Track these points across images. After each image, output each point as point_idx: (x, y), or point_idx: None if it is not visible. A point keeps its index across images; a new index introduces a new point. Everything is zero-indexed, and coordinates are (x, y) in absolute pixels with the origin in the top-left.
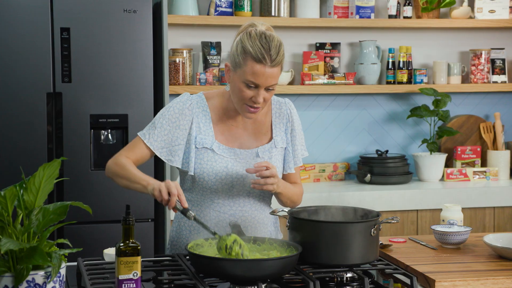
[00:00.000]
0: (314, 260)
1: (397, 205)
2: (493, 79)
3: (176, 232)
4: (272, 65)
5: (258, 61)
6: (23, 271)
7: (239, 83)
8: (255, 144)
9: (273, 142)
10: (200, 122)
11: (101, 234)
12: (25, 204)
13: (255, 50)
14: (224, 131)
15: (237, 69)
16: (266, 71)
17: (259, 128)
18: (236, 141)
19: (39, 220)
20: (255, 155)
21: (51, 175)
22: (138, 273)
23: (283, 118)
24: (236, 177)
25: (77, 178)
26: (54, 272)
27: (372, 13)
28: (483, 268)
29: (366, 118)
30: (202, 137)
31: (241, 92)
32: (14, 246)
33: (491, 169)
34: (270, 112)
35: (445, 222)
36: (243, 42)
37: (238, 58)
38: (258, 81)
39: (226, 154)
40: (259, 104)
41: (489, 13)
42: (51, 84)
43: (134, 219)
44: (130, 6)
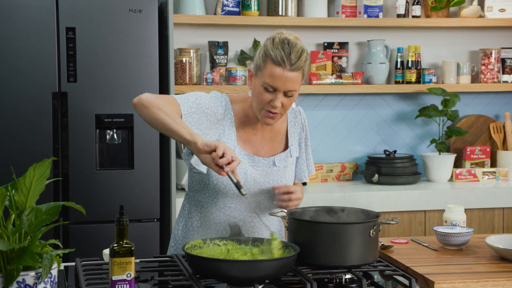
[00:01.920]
0: (313, 261)
1: (404, 205)
2: (503, 78)
3: (182, 231)
4: (291, 69)
5: (277, 64)
6: (14, 272)
7: (259, 86)
8: (271, 152)
9: (289, 151)
10: (225, 126)
11: (106, 234)
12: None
13: (275, 54)
14: (243, 137)
15: (258, 72)
16: (285, 74)
17: (275, 136)
18: (254, 147)
19: (30, 220)
20: (272, 163)
21: (42, 175)
22: (131, 274)
23: (297, 127)
24: (253, 184)
25: (83, 178)
26: (45, 273)
27: (381, 12)
28: (484, 270)
29: (374, 118)
30: (225, 140)
31: (260, 96)
32: (3, 246)
33: (501, 169)
34: (286, 120)
35: (447, 223)
36: (266, 46)
37: (259, 61)
38: (276, 85)
39: (246, 161)
40: (277, 110)
41: (499, 12)
42: (57, 83)
43: (127, 220)
44: (136, 5)
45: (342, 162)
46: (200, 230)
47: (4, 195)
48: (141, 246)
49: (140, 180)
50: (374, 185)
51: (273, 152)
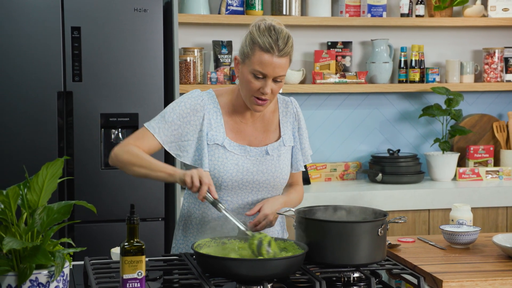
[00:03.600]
0: (321, 260)
1: (408, 204)
2: (506, 78)
3: (182, 231)
4: (279, 55)
5: (266, 50)
6: (26, 270)
7: (247, 74)
8: (264, 141)
9: (282, 140)
10: (211, 119)
11: (111, 233)
12: (28, 203)
13: (263, 40)
14: (234, 128)
15: (246, 60)
16: (274, 61)
17: (267, 126)
18: (246, 138)
19: (43, 219)
20: (265, 152)
21: (54, 174)
22: (142, 272)
23: (290, 116)
24: (247, 174)
25: (88, 177)
26: (57, 271)
27: (384, 11)
28: (492, 268)
29: (378, 117)
30: (213, 134)
31: (249, 83)
32: (17, 245)
33: (504, 168)
34: (277, 110)
35: (454, 222)
36: (252, 33)
37: (247, 49)
38: (266, 71)
39: (237, 151)
40: (267, 96)
41: (502, 11)
42: (62, 83)
43: (138, 219)
44: (141, 5)
45: (345, 161)
46: (199, 227)
47: (18, 194)
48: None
49: (145, 179)
50: (378, 184)
51: (266, 141)
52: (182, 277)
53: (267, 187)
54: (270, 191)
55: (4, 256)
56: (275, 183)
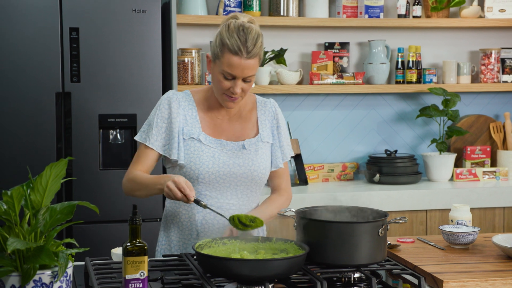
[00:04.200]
0: (322, 260)
1: (406, 205)
2: (503, 78)
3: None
4: (248, 57)
5: (234, 53)
6: (30, 271)
7: (218, 74)
8: (241, 137)
9: (260, 136)
10: (187, 115)
11: (109, 233)
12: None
13: (232, 43)
14: (210, 124)
15: (216, 60)
16: (242, 63)
17: (244, 123)
18: (223, 133)
19: (46, 220)
20: (242, 147)
21: (57, 174)
22: (145, 272)
23: (268, 115)
24: (223, 167)
25: (86, 177)
26: (61, 271)
27: (381, 12)
28: (492, 268)
29: (375, 118)
30: (188, 129)
31: (219, 83)
32: (21, 245)
33: (501, 169)
34: (255, 109)
35: (453, 222)
36: (221, 34)
37: (217, 50)
38: (235, 73)
39: (213, 145)
40: (237, 95)
41: (499, 12)
42: (60, 83)
43: (141, 219)
44: (139, 6)
45: (343, 162)
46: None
47: (22, 195)
48: None
49: None
50: (375, 184)
51: (244, 137)
52: (183, 277)
53: (245, 181)
54: (249, 186)
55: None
56: (253, 177)
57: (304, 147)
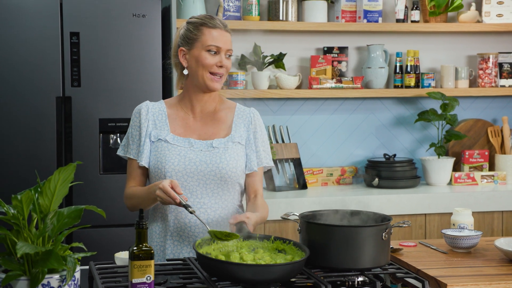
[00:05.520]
0: (326, 264)
1: (405, 209)
2: (500, 83)
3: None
4: (225, 30)
5: (213, 27)
6: (39, 275)
7: (201, 53)
8: (212, 136)
9: (231, 136)
10: (156, 120)
11: (110, 237)
12: (40, 208)
13: (208, 21)
14: (181, 125)
15: (195, 43)
16: (223, 34)
17: (217, 124)
18: (194, 132)
19: (54, 224)
20: (210, 145)
21: (66, 179)
22: (151, 276)
23: (245, 119)
24: (189, 164)
25: (86, 182)
26: (69, 275)
27: (380, 17)
28: (495, 272)
29: (373, 122)
30: (157, 131)
31: (204, 60)
32: (30, 249)
33: (499, 173)
34: (232, 114)
35: (455, 226)
36: (192, 22)
37: (193, 34)
38: (219, 44)
39: (180, 143)
40: (223, 70)
41: (496, 17)
42: (61, 88)
43: (147, 223)
44: (139, 10)
45: (342, 166)
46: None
47: (31, 199)
48: None
49: None
50: (374, 188)
51: (215, 137)
52: (187, 281)
53: (214, 179)
54: (219, 185)
55: (16, 260)
56: (222, 175)
57: (303, 151)
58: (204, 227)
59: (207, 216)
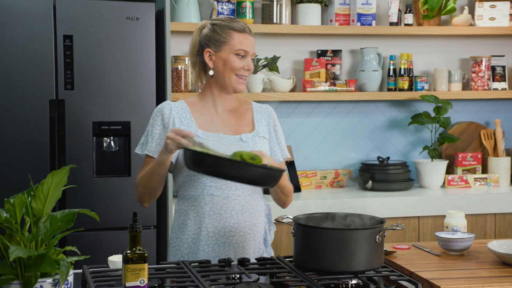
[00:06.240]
0: (319, 267)
1: (399, 211)
2: (493, 86)
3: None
4: (251, 34)
5: (241, 31)
6: (31, 279)
7: (229, 56)
8: (238, 132)
9: (256, 131)
10: (181, 117)
11: (103, 241)
12: (33, 211)
13: (235, 25)
14: (206, 121)
15: (223, 46)
16: (250, 39)
17: (240, 120)
18: (219, 129)
19: (47, 228)
20: (239, 139)
21: (59, 182)
22: (145, 280)
23: (264, 115)
24: None
25: (80, 185)
26: (62, 279)
27: (373, 20)
28: (488, 274)
29: (367, 125)
30: (185, 128)
31: (233, 63)
32: (22, 253)
33: (492, 175)
34: (251, 110)
35: (448, 228)
36: (219, 25)
37: (221, 37)
38: (247, 48)
39: (211, 138)
40: (249, 72)
41: (489, 20)
42: (54, 91)
43: (141, 226)
44: (133, 13)
45: (336, 169)
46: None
47: (24, 203)
48: None
49: None
50: (368, 191)
51: (240, 132)
52: (181, 285)
53: None
54: None
55: (9, 264)
56: None
57: (297, 154)
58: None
59: (241, 207)
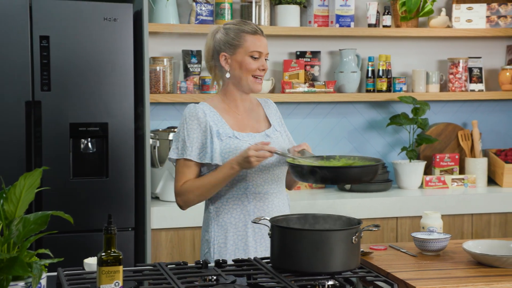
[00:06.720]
0: (296, 268)
1: (377, 212)
2: (470, 87)
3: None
4: (263, 35)
5: (254, 33)
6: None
7: (244, 58)
8: (260, 129)
9: (273, 126)
10: (214, 120)
11: (81, 243)
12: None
13: (247, 28)
14: (234, 122)
15: (237, 49)
16: (263, 40)
17: (257, 117)
18: (247, 128)
19: (19, 231)
20: (266, 136)
21: (32, 184)
22: (119, 282)
23: (271, 109)
24: None
25: (57, 187)
26: (35, 282)
27: (352, 22)
28: (463, 274)
29: (346, 126)
30: (222, 130)
31: (249, 65)
32: None
33: (469, 176)
34: (260, 105)
35: (425, 229)
36: (232, 29)
37: (235, 40)
38: (261, 49)
39: (246, 139)
40: (264, 72)
41: (466, 22)
42: (30, 92)
43: (116, 228)
44: (111, 14)
45: None
46: (237, 219)
47: None
48: None
49: (115, 189)
50: (347, 192)
51: (262, 129)
52: (157, 287)
53: (277, 165)
54: (280, 170)
55: None
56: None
57: None
58: None
59: (278, 201)
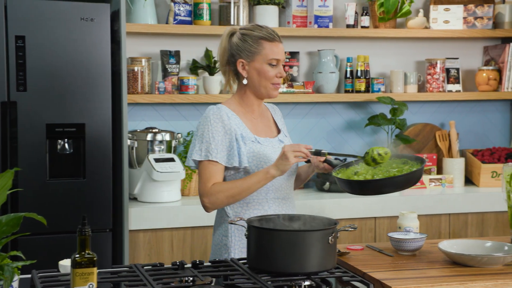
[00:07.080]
0: (272, 269)
1: (356, 212)
2: (448, 88)
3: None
4: (280, 41)
5: (271, 40)
6: None
7: (263, 66)
8: (272, 134)
9: (283, 131)
10: (237, 123)
11: (57, 245)
12: None
13: (264, 34)
14: (253, 126)
15: (256, 56)
16: (280, 46)
17: (268, 122)
18: (262, 132)
19: None
20: (279, 141)
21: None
22: (94, 284)
23: (277, 114)
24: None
25: (33, 188)
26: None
27: (330, 22)
28: (438, 274)
29: (324, 126)
30: (245, 134)
31: (267, 73)
32: None
33: (447, 176)
34: (268, 110)
35: (401, 229)
36: (249, 34)
37: (253, 47)
38: (279, 56)
39: (265, 143)
40: (281, 79)
41: (443, 23)
42: (6, 93)
43: (90, 230)
44: (88, 14)
45: None
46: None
47: None
48: None
49: (92, 190)
50: (325, 192)
51: (274, 134)
52: None
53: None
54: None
55: None
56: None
57: None
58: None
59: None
